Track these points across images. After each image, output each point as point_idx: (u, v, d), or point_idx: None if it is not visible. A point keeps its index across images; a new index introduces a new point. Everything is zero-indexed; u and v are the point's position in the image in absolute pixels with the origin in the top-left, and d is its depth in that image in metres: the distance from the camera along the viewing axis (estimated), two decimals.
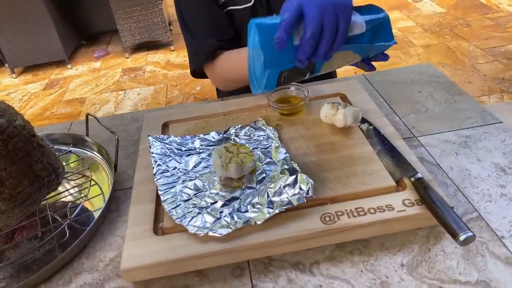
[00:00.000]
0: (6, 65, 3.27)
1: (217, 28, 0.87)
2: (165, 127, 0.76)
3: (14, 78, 3.31)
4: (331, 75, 1.09)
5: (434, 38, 3.13)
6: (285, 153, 0.64)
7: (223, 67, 0.87)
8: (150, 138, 0.69)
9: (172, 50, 3.41)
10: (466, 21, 3.37)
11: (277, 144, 0.66)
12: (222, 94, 1.09)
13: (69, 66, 3.36)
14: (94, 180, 0.69)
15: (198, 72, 0.95)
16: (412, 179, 0.57)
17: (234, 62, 0.85)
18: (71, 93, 3.02)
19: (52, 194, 0.65)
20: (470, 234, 0.47)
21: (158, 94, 2.83)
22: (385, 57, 0.70)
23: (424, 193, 0.54)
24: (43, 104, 2.90)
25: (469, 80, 2.54)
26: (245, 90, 0.97)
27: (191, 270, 0.54)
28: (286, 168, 0.60)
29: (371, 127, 0.69)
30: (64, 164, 0.67)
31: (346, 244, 0.55)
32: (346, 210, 0.55)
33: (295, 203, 0.54)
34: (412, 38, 3.18)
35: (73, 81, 3.18)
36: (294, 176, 0.58)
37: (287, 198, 0.55)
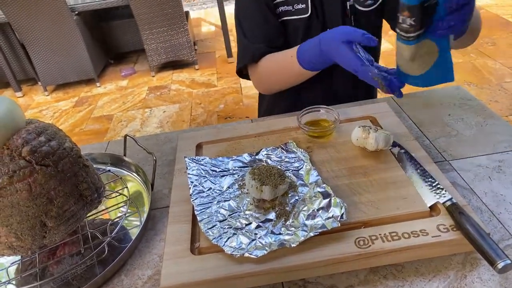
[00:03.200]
0: (39, 83, 3.42)
1: (269, 35, 0.92)
2: (199, 148, 0.79)
3: (47, 95, 3.45)
4: (371, 95, 1.11)
5: (459, 57, 3.11)
6: (317, 175, 0.65)
7: (265, 68, 0.92)
8: (186, 159, 0.71)
9: (197, 69, 3.50)
10: (491, 39, 3.33)
11: (308, 167, 0.67)
12: (262, 112, 1.12)
13: (97, 84, 3.49)
14: (131, 199, 0.72)
15: (244, 73, 1.00)
16: (447, 204, 0.57)
17: (276, 63, 0.89)
18: (99, 110, 3.12)
19: (93, 212, 0.68)
20: (508, 262, 0.47)
21: (183, 112, 2.90)
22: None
23: (459, 219, 0.54)
24: (73, 121, 3.00)
25: (496, 99, 2.50)
26: (282, 109, 0.99)
27: None
28: (319, 191, 0.62)
29: (402, 150, 0.69)
30: (104, 183, 0.71)
31: (379, 268, 0.56)
32: (380, 234, 0.55)
33: (329, 227, 0.55)
34: None
35: (101, 99, 3.30)
36: (327, 200, 0.59)
37: (321, 221, 0.56)
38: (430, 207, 0.59)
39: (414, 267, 0.55)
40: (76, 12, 3.15)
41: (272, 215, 0.60)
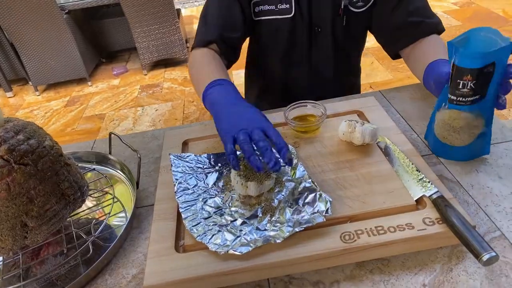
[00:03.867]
0: (30, 83, 3.38)
1: (225, 25, 0.89)
2: (185, 145, 0.78)
3: (38, 95, 3.41)
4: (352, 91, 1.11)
5: None
6: (303, 170, 0.65)
7: (193, 61, 0.89)
8: (171, 156, 0.70)
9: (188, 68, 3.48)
10: None
11: (295, 161, 0.67)
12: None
13: (89, 83, 3.46)
14: (116, 198, 0.71)
15: None
16: (433, 197, 0.57)
17: (197, 72, 0.85)
18: (91, 110, 3.09)
19: (76, 211, 0.67)
20: (493, 254, 0.47)
21: (176, 110, 2.88)
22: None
23: (445, 212, 0.53)
24: (64, 121, 2.98)
25: None
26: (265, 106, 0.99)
27: (212, 287, 0.54)
28: (305, 186, 0.61)
29: (389, 144, 0.69)
30: (88, 182, 0.69)
31: (366, 263, 0.55)
32: (366, 228, 0.55)
33: (314, 222, 0.55)
34: None
35: (93, 98, 3.27)
36: (313, 194, 0.59)
37: (307, 216, 0.56)
38: (416, 200, 0.58)
39: (401, 261, 0.55)
40: (66, 11, 3.12)
41: (258, 211, 0.59)
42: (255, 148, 0.60)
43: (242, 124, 0.62)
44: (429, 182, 0.59)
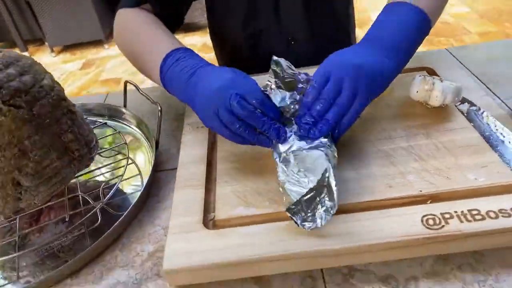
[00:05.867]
0: (46, 43, 3.28)
1: None
2: None
3: (53, 57, 3.32)
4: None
5: (492, 26, 2.86)
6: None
7: (121, 27, 0.68)
8: None
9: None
10: None
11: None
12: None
13: (106, 46, 3.33)
14: (131, 159, 0.59)
15: None
16: None
17: (132, 35, 0.65)
18: (107, 73, 2.98)
19: (83, 171, 0.55)
20: None
21: None
22: None
23: None
24: (79, 84, 2.88)
25: None
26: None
27: (249, 276, 0.42)
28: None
29: (473, 108, 0.54)
30: (98, 138, 0.57)
31: (451, 256, 0.42)
32: (456, 212, 0.41)
33: None
34: (466, 25, 2.92)
35: (110, 61, 3.15)
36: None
37: None
38: None
39: (500, 256, 0.42)
40: None
41: None
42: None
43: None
44: None
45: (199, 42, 3.20)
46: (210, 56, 0.96)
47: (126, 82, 0.65)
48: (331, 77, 0.47)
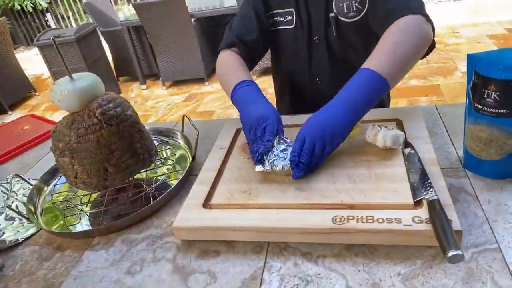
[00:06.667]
0: (160, 79, 3.98)
1: (243, 29, 1.04)
2: (237, 132, 0.93)
3: (164, 90, 3.99)
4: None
5: None
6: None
7: (219, 63, 1.04)
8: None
9: None
10: None
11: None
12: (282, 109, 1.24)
13: (206, 83, 3.90)
14: (177, 165, 0.89)
15: None
16: (429, 199, 0.60)
17: (223, 70, 1.01)
18: (204, 106, 3.50)
19: (144, 169, 0.87)
20: (459, 252, 0.50)
21: None
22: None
23: (433, 212, 0.57)
24: (181, 113, 3.43)
25: None
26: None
27: (223, 239, 0.67)
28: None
29: (413, 151, 0.73)
30: (158, 149, 0.89)
31: (354, 247, 0.62)
32: (357, 216, 0.61)
33: None
34: None
35: (208, 96, 3.68)
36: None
37: None
38: (415, 201, 0.62)
39: (387, 251, 0.60)
40: (195, 18, 3.59)
41: None
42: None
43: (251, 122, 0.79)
44: (433, 187, 0.62)
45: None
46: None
47: (184, 116, 0.97)
48: (307, 138, 0.72)
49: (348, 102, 0.73)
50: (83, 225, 0.82)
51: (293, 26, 1.02)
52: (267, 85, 3.61)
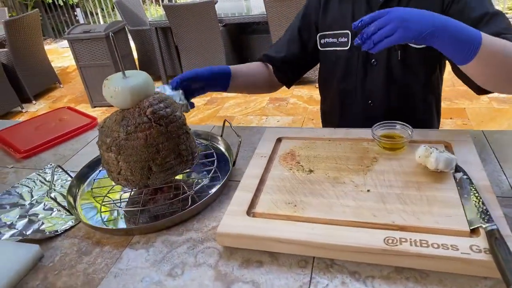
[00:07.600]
0: None
1: (282, 47, 1.13)
2: (278, 141, 0.92)
3: None
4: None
5: None
6: None
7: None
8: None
9: (317, 87, 3.64)
10: None
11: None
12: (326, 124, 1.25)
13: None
14: (217, 169, 0.89)
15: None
16: (487, 229, 0.58)
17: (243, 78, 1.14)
18: (224, 111, 3.51)
19: (186, 170, 0.86)
20: None
21: (295, 124, 3.07)
22: None
23: (493, 242, 0.55)
24: (201, 116, 3.45)
25: None
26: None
27: (266, 250, 0.66)
28: None
29: (465, 176, 0.71)
30: (199, 152, 0.89)
31: (405, 270, 0.60)
32: (410, 239, 0.60)
33: None
34: None
35: (228, 102, 3.69)
36: None
37: None
38: (471, 230, 0.60)
39: (439, 278, 0.58)
40: (223, 24, 3.62)
41: None
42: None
43: None
44: (490, 216, 0.61)
45: (306, 95, 3.55)
46: (313, 108, 1.25)
47: (224, 120, 0.97)
48: (385, 15, 0.69)
49: (440, 16, 0.71)
50: (119, 222, 0.81)
51: (347, 48, 1.02)
52: (288, 94, 3.61)
